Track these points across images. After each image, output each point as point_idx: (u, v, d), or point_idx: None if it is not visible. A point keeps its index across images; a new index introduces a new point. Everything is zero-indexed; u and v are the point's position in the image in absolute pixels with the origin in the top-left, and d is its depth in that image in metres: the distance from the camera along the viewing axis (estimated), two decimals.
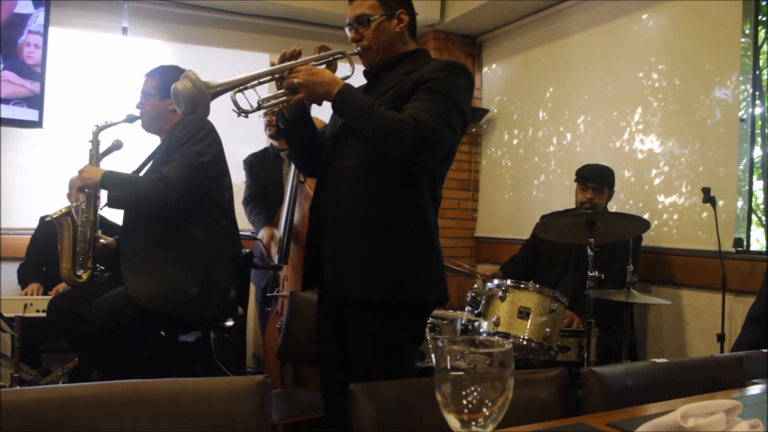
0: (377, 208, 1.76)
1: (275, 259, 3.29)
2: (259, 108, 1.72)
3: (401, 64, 1.87)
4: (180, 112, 1.72)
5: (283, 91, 1.73)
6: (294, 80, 1.70)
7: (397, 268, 1.75)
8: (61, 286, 2.96)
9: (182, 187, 2.33)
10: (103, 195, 2.46)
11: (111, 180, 2.39)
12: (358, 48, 1.86)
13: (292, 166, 3.32)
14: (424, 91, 1.72)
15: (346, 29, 1.89)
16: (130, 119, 2.53)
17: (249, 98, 1.70)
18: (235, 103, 1.67)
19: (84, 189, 2.45)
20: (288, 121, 1.85)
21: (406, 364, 1.82)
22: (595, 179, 3.14)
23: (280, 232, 3.30)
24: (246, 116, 1.71)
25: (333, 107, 1.76)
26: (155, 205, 2.33)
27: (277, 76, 1.73)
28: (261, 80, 1.71)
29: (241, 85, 1.68)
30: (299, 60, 1.75)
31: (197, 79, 1.64)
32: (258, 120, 3.79)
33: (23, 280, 3.40)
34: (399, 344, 1.79)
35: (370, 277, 1.74)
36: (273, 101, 1.74)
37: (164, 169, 2.36)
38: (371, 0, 1.84)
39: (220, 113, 1.84)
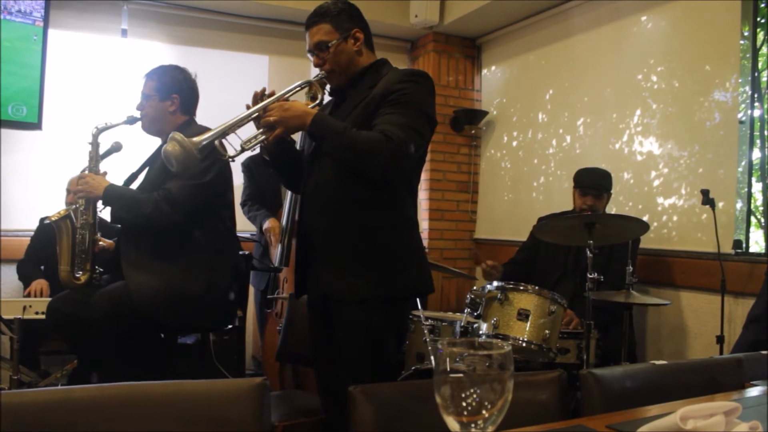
0: (362, 214, 1.87)
1: (276, 261, 3.28)
2: (243, 151, 1.81)
3: (364, 78, 1.97)
4: (173, 170, 1.83)
5: (261, 130, 1.82)
6: (270, 119, 1.79)
7: (388, 266, 1.86)
8: None
9: (188, 208, 2.33)
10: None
11: (114, 197, 2.36)
12: (323, 72, 1.95)
13: None
14: (391, 104, 1.82)
15: (308, 55, 1.98)
16: (130, 121, 2.49)
17: (231, 141, 1.82)
18: (221, 150, 1.79)
19: (83, 198, 2.42)
20: (271, 153, 1.96)
21: (390, 353, 1.94)
22: (595, 186, 3.13)
23: (283, 223, 3.28)
24: (233, 160, 1.83)
25: (309, 136, 1.88)
26: (160, 226, 2.33)
27: (254, 116, 1.83)
28: (241, 124, 1.81)
29: (223, 134, 1.79)
30: (272, 98, 1.84)
31: (183, 140, 1.74)
32: None
33: (24, 276, 3.41)
34: (388, 334, 1.91)
35: (364, 278, 1.84)
36: (254, 142, 1.83)
37: (168, 186, 2.33)
38: (326, 26, 1.93)
39: (219, 118, 1.86)
